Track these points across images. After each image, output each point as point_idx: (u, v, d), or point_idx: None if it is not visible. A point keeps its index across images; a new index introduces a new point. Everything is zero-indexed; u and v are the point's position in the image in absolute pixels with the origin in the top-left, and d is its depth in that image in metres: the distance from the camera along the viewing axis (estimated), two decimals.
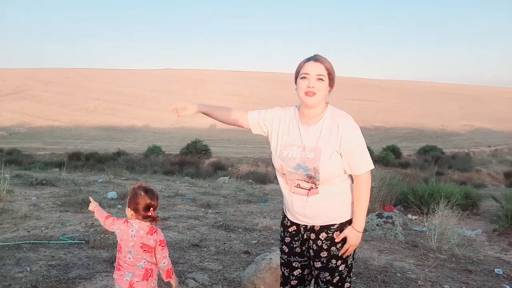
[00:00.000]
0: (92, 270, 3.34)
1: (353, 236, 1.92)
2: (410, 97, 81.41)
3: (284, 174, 1.96)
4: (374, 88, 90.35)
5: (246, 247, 4.33)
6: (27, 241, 4.00)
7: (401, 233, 5.16)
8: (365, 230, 5.12)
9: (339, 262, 1.95)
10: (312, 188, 1.90)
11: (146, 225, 2.02)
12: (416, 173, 19.17)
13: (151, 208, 2.00)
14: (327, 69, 1.86)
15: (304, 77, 1.86)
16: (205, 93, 76.30)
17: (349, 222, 1.95)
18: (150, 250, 2.01)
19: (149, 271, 2.02)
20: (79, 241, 4.11)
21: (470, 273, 3.94)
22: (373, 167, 1.93)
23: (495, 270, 4.08)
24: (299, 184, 1.93)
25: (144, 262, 2.00)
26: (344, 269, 1.96)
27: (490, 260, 4.49)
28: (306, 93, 1.85)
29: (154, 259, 2.03)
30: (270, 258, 3.11)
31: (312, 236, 1.96)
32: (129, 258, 1.99)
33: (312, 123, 1.92)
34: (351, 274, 2.02)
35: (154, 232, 2.02)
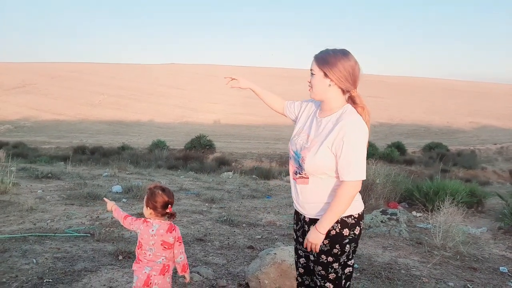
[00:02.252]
0: (97, 263, 3.37)
1: (312, 234, 1.88)
2: (416, 93, 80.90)
3: (290, 158, 2.08)
4: (379, 84, 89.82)
5: (250, 242, 4.34)
6: (33, 234, 4.04)
7: (406, 230, 5.14)
8: (368, 227, 5.13)
9: (330, 259, 1.93)
10: (302, 177, 1.97)
11: (165, 223, 2.14)
12: (421, 170, 19.10)
13: (169, 205, 2.12)
14: (317, 63, 1.92)
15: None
16: (209, 88, 76.28)
17: (336, 222, 1.90)
18: (169, 247, 2.13)
19: (167, 266, 2.14)
20: (85, 234, 4.14)
21: (475, 271, 3.92)
22: (363, 178, 1.83)
23: (500, 268, 4.06)
24: (295, 171, 2.02)
25: (162, 259, 2.12)
26: (338, 268, 1.93)
27: (495, 258, 4.46)
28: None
29: (172, 255, 2.16)
30: (275, 253, 3.11)
31: (306, 227, 2.01)
32: (149, 254, 2.11)
33: (324, 116, 1.98)
34: (350, 273, 1.99)
35: (173, 229, 2.14)
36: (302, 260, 2.12)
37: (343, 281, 1.97)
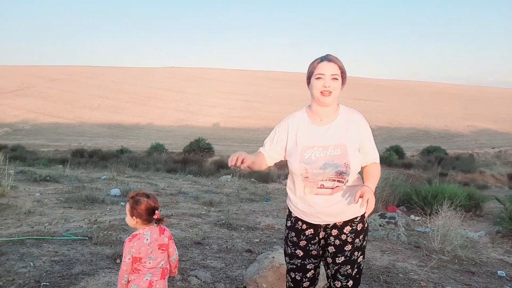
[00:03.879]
0: (95, 266, 3.36)
1: (367, 190, 1.85)
2: (414, 97, 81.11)
3: (307, 177, 1.94)
4: (378, 88, 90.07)
5: (249, 246, 4.34)
6: (30, 237, 4.03)
7: (404, 233, 5.14)
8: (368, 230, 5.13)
9: (359, 253, 2.01)
10: (337, 186, 1.93)
11: (155, 228, 2.13)
12: (419, 174, 19.10)
13: (156, 211, 2.08)
14: (340, 68, 1.96)
15: (319, 78, 1.93)
16: (208, 91, 76.39)
17: (363, 217, 2.04)
18: (166, 248, 2.14)
19: (165, 270, 2.15)
20: (82, 237, 4.13)
21: (473, 275, 3.92)
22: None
23: (498, 272, 4.06)
24: (322, 185, 1.92)
25: (161, 264, 2.12)
26: (362, 261, 2.03)
27: (493, 262, 4.46)
28: (322, 93, 1.93)
29: (167, 257, 2.16)
30: (273, 257, 3.11)
31: (334, 232, 1.98)
32: (149, 263, 2.09)
33: (328, 121, 1.99)
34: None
35: (164, 230, 2.15)
36: (310, 274, 2.06)
37: (361, 277, 2.06)
